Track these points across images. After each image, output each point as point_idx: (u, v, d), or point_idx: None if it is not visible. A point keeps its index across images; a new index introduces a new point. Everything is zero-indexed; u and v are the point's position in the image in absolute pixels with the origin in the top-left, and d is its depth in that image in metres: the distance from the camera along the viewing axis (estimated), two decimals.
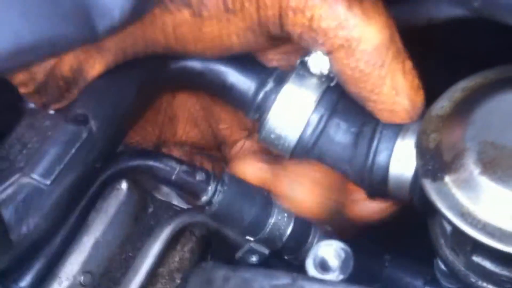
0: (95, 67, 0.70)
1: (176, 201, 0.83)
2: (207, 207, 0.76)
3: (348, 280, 0.65)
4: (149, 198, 0.82)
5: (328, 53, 0.71)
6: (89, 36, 0.56)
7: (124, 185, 0.78)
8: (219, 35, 0.71)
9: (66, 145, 0.66)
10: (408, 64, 0.71)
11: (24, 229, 0.62)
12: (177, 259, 0.80)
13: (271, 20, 0.70)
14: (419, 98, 0.72)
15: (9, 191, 0.63)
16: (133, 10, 0.62)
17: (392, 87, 0.70)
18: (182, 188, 0.76)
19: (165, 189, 0.83)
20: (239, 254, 0.78)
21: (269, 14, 0.70)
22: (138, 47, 0.71)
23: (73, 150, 0.65)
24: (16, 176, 0.64)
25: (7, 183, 0.63)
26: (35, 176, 0.64)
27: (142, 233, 0.80)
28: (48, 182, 0.64)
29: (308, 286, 0.56)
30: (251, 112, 0.77)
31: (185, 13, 0.69)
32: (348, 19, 0.68)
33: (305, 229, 0.79)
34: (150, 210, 0.82)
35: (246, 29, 0.71)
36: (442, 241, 0.72)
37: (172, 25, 0.70)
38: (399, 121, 0.72)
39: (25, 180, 0.64)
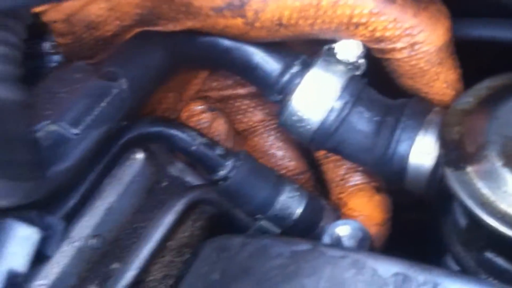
0: None
1: (190, 178, 0.83)
2: (220, 182, 0.76)
3: None
4: (164, 172, 0.82)
5: (388, 52, 0.72)
6: None
7: (140, 156, 0.78)
8: (262, 37, 0.73)
9: (97, 98, 0.66)
10: (457, 59, 0.75)
11: (47, 175, 0.61)
12: (186, 234, 0.80)
13: (323, 32, 0.72)
14: (462, 88, 0.76)
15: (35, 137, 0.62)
16: None
17: (444, 81, 0.74)
18: (200, 161, 0.76)
19: (180, 165, 0.83)
20: (249, 232, 0.78)
21: (325, 28, 0.71)
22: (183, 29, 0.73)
23: (103, 104, 0.65)
24: (44, 123, 0.63)
25: (34, 129, 0.63)
26: (63, 124, 0.64)
27: (154, 205, 0.80)
28: (76, 131, 0.64)
29: (329, 252, 0.55)
30: (274, 93, 0.78)
31: (239, 21, 0.71)
32: (414, 26, 0.70)
33: (317, 212, 0.79)
34: (164, 184, 0.81)
35: (292, 37, 0.73)
36: (454, 237, 0.72)
37: (223, 26, 0.72)
38: (443, 106, 0.75)
39: (53, 127, 0.63)
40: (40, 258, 0.51)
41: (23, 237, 0.49)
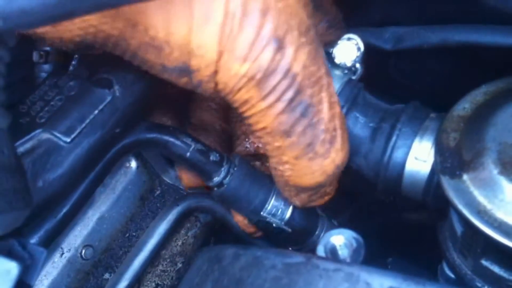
0: None
1: None
2: (216, 188, 0.76)
3: None
4: (157, 180, 0.81)
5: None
6: None
7: (133, 164, 0.77)
8: None
9: (90, 106, 0.65)
10: None
11: (39, 183, 0.60)
12: (180, 243, 0.79)
13: None
14: None
15: (28, 145, 0.62)
16: None
17: None
18: (194, 167, 0.75)
19: (173, 172, 0.83)
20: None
21: None
22: None
23: (95, 111, 0.65)
24: (37, 131, 0.63)
25: (27, 137, 0.63)
26: (56, 132, 0.63)
27: (147, 214, 0.79)
28: (68, 139, 0.64)
29: (323, 265, 0.54)
30: None
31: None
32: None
33: (310, 216, 0.78)
34: (157, 192, 0.81)
35: None
36: (450, 244, 0.71)
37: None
38: None
39: (46, 135, 0.63)
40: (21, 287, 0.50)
41: (4, 271, 0.48)
